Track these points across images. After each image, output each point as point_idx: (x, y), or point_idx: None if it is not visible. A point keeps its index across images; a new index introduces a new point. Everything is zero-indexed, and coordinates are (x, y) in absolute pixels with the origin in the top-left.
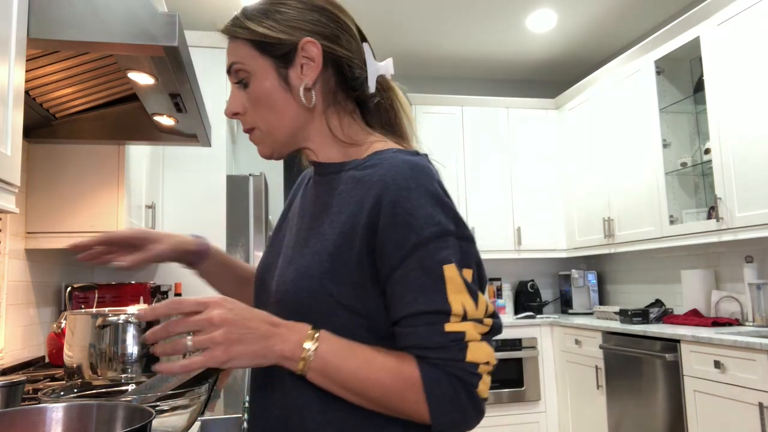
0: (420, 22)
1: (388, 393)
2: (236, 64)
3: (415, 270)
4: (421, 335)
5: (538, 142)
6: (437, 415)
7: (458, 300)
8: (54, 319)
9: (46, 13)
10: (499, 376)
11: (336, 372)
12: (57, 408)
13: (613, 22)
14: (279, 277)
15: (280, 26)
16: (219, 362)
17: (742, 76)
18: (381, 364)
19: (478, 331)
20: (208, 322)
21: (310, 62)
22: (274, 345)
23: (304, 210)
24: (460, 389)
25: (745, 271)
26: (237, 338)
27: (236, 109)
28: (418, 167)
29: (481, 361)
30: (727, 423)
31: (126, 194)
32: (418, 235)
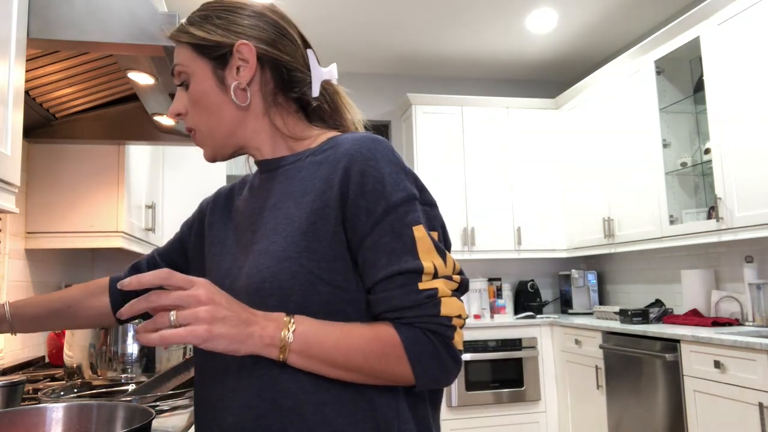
0: (420, 22)
1: (370, 358)
2: (177, 66)
3: (386, 235)
4: (397, 297)
5: (538, 142)
6: (420, 372)
7: (428, 259)
8: None
9: (46, 13)
10: (499, 376)
11: (317, 349)
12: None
13: (613, 22)
14: (250, 270)
15: (218, 30)
16: (200, 339)
17: (742, 76)
18: (359, 333)
19: (448, 288)
20: (194, 298)
21: (245, 63)
22: (254, 331)
23: (258, 208)
24: (438, 344)
25: (745, 271)
26: (221, 318)
27: (178, 110)
28: (378, 140)
29: (454, 314)
30: (727, 423)
31: (126, 194)
32: (387, 200)
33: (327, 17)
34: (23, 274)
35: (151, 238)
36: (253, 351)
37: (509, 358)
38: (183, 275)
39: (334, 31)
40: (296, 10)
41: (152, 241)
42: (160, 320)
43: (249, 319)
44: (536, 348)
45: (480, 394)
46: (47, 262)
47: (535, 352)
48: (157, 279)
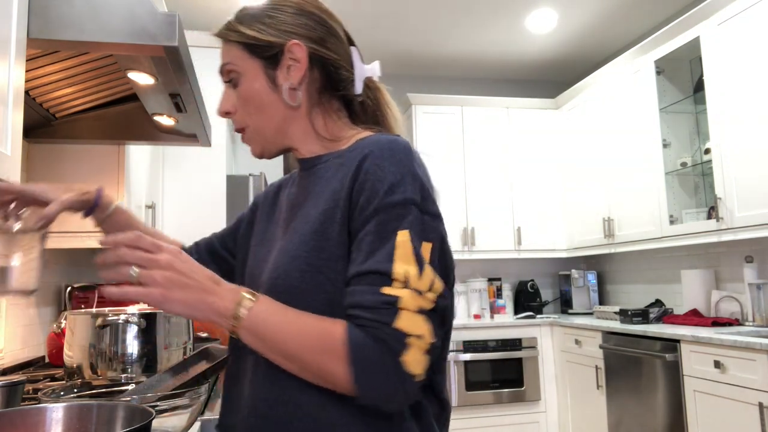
0: (420, 22)
1: (308, 351)
2: (227, 65)
3: (370, 233)
4: (359, 294)
5: (538, 142)
6: (360, 378)
7: (403, 266)
8: (54, 319)
9: (46, 13)
10: (499, 376)
11: (264, 328)
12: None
13: (613, 22)
14: (270, 266)
15: (269, 29)
16: (154, 301)
17: (742, 76)
18: (309, 324)
19: (415, 302)
20: (154, 261)
21: (296, 63)
22: (210, 300)
23: (289, 205)
24: (385, 354)
25: (745, 271)
26: (177, 285)
27: (227, 108)
28: (395, 141)
29: (412, 332)
30: (727, 423)
31: (126, 194)
32: (380, 200)
33: None
34: None
35: None
36: (209, 318)
37: (509, 358)
38: (152, 241)
39: None
40: None
41: None
42: (123, 270)
43: (210, 288)
44: (536, 348)
45: (480, 394)
46: (47, 262)
47: (535, 352)
48: (126, 241)
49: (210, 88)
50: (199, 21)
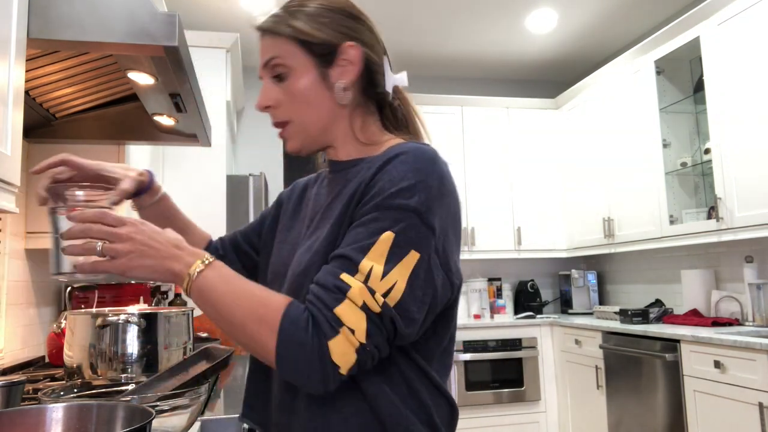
0: (420, 22)
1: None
2: (276, 59)
3: (361, 225)
4: (324, 271)
5: (538, 142)
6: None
7: (370, 262)
8: (54, 319)
9: (46, 13)
10: (499, 376)
11: (211, 291)
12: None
13: (613, 22)
14: (294, 263)
15: (326, 28)
16: (119, 270)
17: (742, 76)
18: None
19: (362, 298)
20: (116, 235)
21: (350, 65)
22: (168, 264)
23: (318, 206)
24: (312, 335)
25: (745, 271)
26: (138, 253)
27: (269, 103)
28: (423, 150)
29: (347, 323)
30: (727, 423)
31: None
32: (383, 199)
33: None
34: (23, 274)
35: None
36: (167, 280)
37: (509, 358)
38: (116, 216)
39: None
40: None
41: None
42: (89, 246)
43: (169, 253)
44: (536, 348)
45: (480, 394)
46: (47, 262)
47: (535, 352)
48: (93, 218)
49: (210, 88)
50: (199, 21)
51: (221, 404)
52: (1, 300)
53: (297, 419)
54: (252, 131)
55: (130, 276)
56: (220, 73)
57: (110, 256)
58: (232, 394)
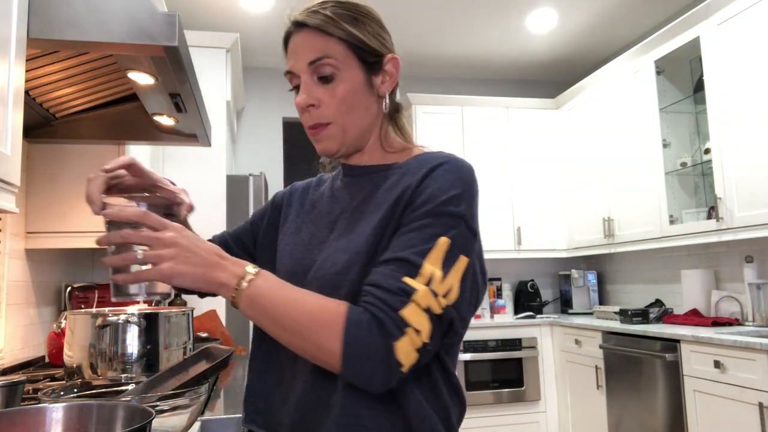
0: (420, 22)
1: (310, 323)
2: (327, 59)
3: (414, 231)
4: (382, 274)
5: (538, 142)
6: (348, 355)
7: (431, 266)
8: (54, 319)
9: (46, 13)
10: (499, 376)
11: (264, 299)
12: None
13: (613, 22)
14: (325, 263)
15: (373, 38)
16: (164, 277)
17: (742, 76)
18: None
19: (427, 301)
20: (159, 240)
21: (390, 76)
22: (214, 272)
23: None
24: (378, 337)
25: (745, 271)
26: (183, 259)
27: (312, 101)
28: (465, 162)
29: (413, 324)
30: (727, 423)
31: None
32: (436, 206)
33: None
34: (23, 274)
35: None
36: (211, 290)
37: (509, 358)
38: (159, 218)
39: None
40: None
41: None
42: (129, 255)
43: (213, 261)
44: (536, 348)
45: (480, 394)
46: (47, 262)
47: (535, 352)
48: (135, 216)
49: (210, 88)
50: (199, 21)
51: (221, 404)
52: (1, 300)
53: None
54: (252, 131)
55: (174, 283)
56: (220, 73)
57: (152, 263)
58: (232, 394)
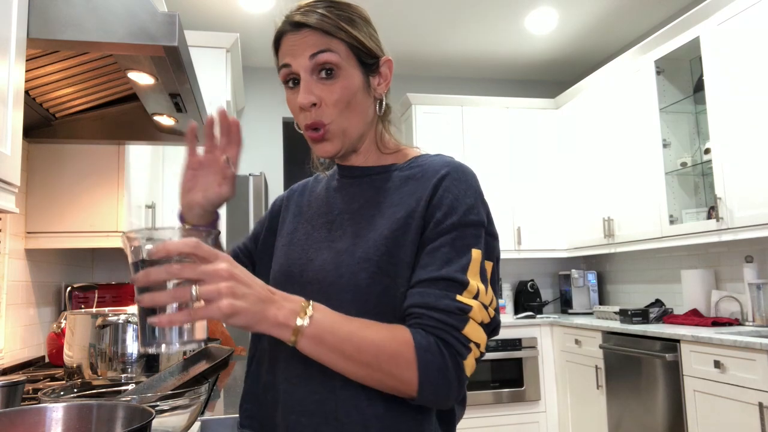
0: (420, 22)
1: (381, 356)
2: (330, 53)
3: (446, 246)
4: (433, 296)
5: (538, 142)
6: (424, 381)
7: (474, 280)
8: (54, 319)
9: (46, 13)
10: (499, 376)
11: (330, 335)
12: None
13: (613, 22)
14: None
15: (371, 40)
16: (223, 315)
17: (742, 76)
18: (376, 329)
19: (481, 315)
20: (216, 273)
21: (385, 78)
22: (270, 310)
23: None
24: (448, 358)
25: (745, 271)
26: (241, 295)
27: (314, 100)
28: (466, 167)
29: (474, 339)
30: (727, 423)
31: (126, 194)
32: (459, 217)
33: None
34: (23, 274)
35: None
36: (267, 330)
37: (509, 358)
38: (211, 248)
39: None
40: None
41: None
42: (181, 294)
43: (267, 298)
44: (536, 348)
45: (480, 393)
46: (47, 262)
47: (535, 352)
48: (186, 247)
49: (210, 88)
50: (199, 21)
51: (221, 404)
52: (1, 300)
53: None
54: (252, 131)
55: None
56: (220, 73)
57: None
58: (232, 394)
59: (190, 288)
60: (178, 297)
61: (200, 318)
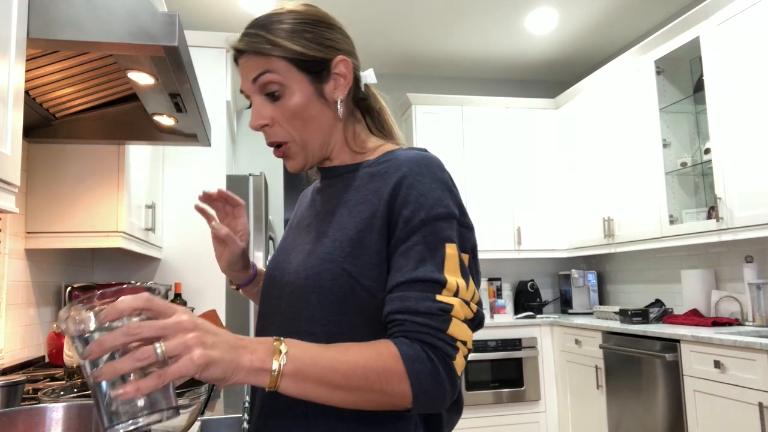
0: (420, 22)
1: (370, 376)
2: (268, 74)
3: (419, 244)
4: (413, 299)
5: (538, 142)
6: (418, 391)
7: (453, 277)
8: (54, 319)
9: (46, 13)
10: (499, 376)
11: (312, 369)
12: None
13: (613, 22)
14: (298, 266)
15: (313, 44)
16: (197, 367)
17: (742, 76)
18: (357, 350)
19: (464, 312)
20: (179, 325)
21: (341, 78)
22: (243, 356)
23: (315, 211)
24: (437, 361)
25: (745, 271)
26: (211, 344)
27: (265, 121)
28: (430, 158)
29: (460, 338)
30: (727, 423)
31: (126, 194)
32: (427, 213)
33: None
34: (23, 274)
35: (151, 237)
36: (244, 379)
37: (509, 358)
38: (164, 301)
39: None
40: None
41: (152, 241)
42: (144, 355)
43: (238, 343)
44: (536, 348)
45: (480, 394)
46: (47, 262)
47: (535, 352)
48: (138, 302)
49: (210, 88)
50: (199, 21)
51: (221, 404)
52: (1, 300)
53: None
54: (252, 131)
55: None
56: (220, 73)
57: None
58: (232, 394)
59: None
60: (143, 358)
61: (172, 377)
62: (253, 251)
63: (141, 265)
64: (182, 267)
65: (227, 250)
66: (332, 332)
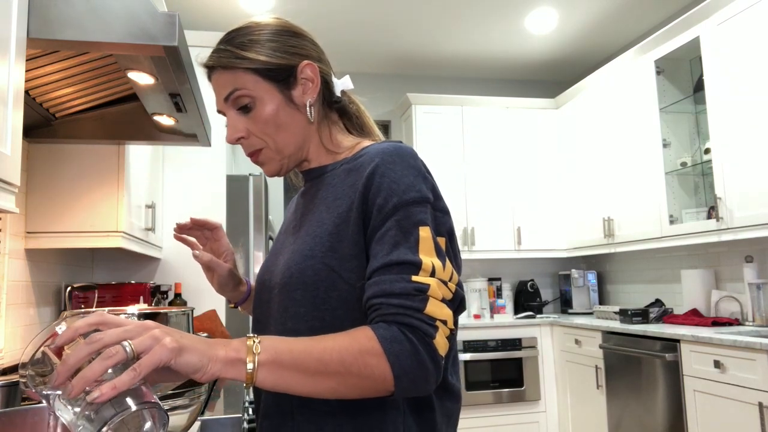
0: (420, 22)
1: (347, 359)
2: (238, 91)
3: (392, 229)
4: (388, 282)
5: (538, 142)
6: (399, 372)
7: (428, 258)
8: (54, 319)
9: (46, 13)
10: (499, 376)
11: (288, 355)
12: None
13: (613, 22)
14: (283, 266)
15: (278, 53)
16: (170, 351)
17: (742, 76)
18: (333, 336)
19: (441, 291)
20: (141, 326)
21: (309, 83)
22: (218, 349)
23: (299, 213)
24: (417, 342)
25: (745, 270)
26: (179, 336)
27: (241, 134)
28: (402, 147)
29: (439, 317)
30: (727, 423)
31: (126, 194)
32: (399, 198)
33: (327, 17)
34: (23, 274)
35: (151, 237)
36: (220, 372)
37: (509, 358)
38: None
39: (334, 31)
40: (296, 9)
41: (152, 241)
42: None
43: (210, 341)
44: (536, 348)
45: (480, 393)
46: (47, 262)
47: (535, 352)
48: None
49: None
50: (199, 21)
51: (221, 404)
52: (1, 300)
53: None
54: None
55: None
56: None
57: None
58: (232, 394)
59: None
60: (112, 355)
61: (147, 367)
62: (253, 251)
63: (141, 265)
64: (182, 267)
65: (215, 274)
66: (315, 327)
